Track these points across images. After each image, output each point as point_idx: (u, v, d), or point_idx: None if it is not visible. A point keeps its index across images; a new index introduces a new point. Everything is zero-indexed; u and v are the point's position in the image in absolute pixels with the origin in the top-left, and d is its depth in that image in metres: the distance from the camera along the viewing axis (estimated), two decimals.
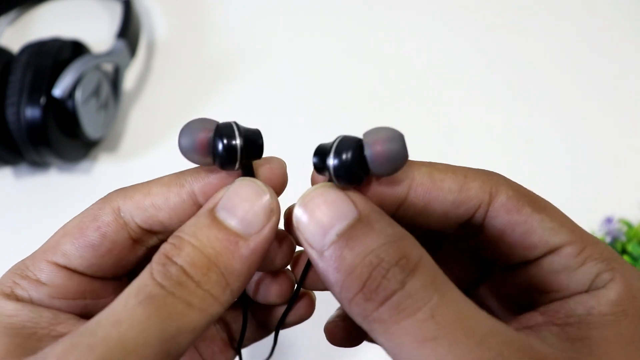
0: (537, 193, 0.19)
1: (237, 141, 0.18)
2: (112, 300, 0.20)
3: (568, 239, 0.18)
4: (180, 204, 0.19)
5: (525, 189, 0.19)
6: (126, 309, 0.16)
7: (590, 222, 0.43)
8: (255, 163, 0.20)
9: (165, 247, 0.18)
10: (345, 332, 0.23)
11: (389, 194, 0.18)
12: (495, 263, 0.21)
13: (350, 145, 0.17)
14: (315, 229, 0.17)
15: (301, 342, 0.40)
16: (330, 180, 0.18)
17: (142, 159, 0.49)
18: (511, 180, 0.19)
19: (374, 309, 0.16)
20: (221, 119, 0.20)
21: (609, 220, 0.42)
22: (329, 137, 0.21)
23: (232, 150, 0.18)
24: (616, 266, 0.17)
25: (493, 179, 0.18)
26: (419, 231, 0.19)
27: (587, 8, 0.57)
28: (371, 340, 0.23)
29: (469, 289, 0.23)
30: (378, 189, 0.19)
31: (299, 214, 0.18)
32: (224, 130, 0.18)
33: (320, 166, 0.18)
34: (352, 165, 0.17)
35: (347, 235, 0.17)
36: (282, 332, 0.26)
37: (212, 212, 0.18)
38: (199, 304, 0.17)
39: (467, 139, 0.49)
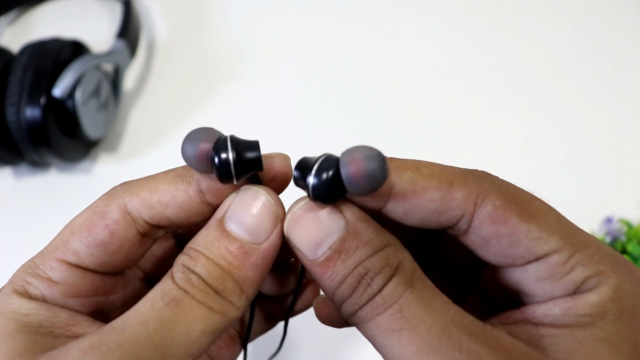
0: (537, 193, 0.19)
1: (230, 157, 0.18)
2: (122, 295, 0.21)
3: (556, 247, 0.18)
4: (187, 202, 0.19)
5: (517, 192, 0.18)
6: (153, 310, 0.17)
7: (590, 222, 0.43)
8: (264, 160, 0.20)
9: (182, 259, 0.18)
10: (332, 309, 0.24)
11: (367, 203, 0.19)
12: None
13: (331, 165, 0.17)
14: (308, 244, 0.18)
15: (304, 339, 0.40)
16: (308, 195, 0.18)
17: (142, 159, 0.49)
18: (503, 184, 0.19)
19: (358, 309, 0.18)
20: (221, 119, 0.20)
21: (609, 220, 0.42)
22: (329, 137, 0.21)
23: (227, 168, 0.18)
24: (607, 269, 0.17)
25: (482, 187, 0.18)
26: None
27: (586, 8, 0.57)
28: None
29: (470, 277, 0.24)
30: (356, 197, 0.19)
31: (290, 230, 0.19)
32: (220, 146, 0.18)
33: (299, 181, 0.18)
34: (330, 186, 0.17)
35: (338, 248, 0.18)
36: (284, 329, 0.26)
37: (221, 224, 0.19)
38: (219, 308, 0.18)
39: (467, 139, 0.49)
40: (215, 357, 0.26)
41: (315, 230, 0.18)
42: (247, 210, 0.19)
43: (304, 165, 0.18)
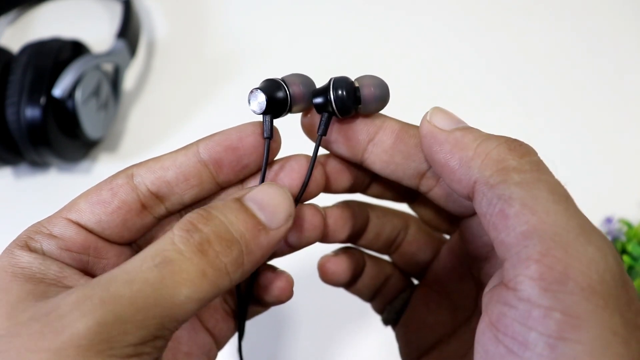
0: None
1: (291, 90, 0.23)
2: (111, 262, 0.22)
3: None
4: (185, 162, 0.21)
5: None
6: (141, 270, 0.17)
7: None
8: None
9: (191, 216, 0.19)
10: (336, 265, 0.26)
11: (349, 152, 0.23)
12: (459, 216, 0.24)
13: (346, 84, 0.22)
14: (444, 119, 0.22)
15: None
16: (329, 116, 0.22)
17: (142, 159, 0.49)
18: None
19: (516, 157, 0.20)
20: (221, 118, 0.21)
21: (609, 220, 0.42)
22: None
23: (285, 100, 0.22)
24: None
25: None
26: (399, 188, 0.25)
27: (587, 8, 0.57)
28: (352, 288, 0.28)
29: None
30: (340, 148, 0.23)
31: (430, 114, 0.22)
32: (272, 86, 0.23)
33: (322, 103, 0.21)
34: (347, 98, 0.21)
35: (467, 128, 0.22)
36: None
37: (240, 200, 0.20)
38: (212, 275, 0.18)
39: None
40: (212, 329, 0.26)
41: (450, 114, 0.23)
42: (268, 196, 0.20)
43: (321, 90, 0.22)
